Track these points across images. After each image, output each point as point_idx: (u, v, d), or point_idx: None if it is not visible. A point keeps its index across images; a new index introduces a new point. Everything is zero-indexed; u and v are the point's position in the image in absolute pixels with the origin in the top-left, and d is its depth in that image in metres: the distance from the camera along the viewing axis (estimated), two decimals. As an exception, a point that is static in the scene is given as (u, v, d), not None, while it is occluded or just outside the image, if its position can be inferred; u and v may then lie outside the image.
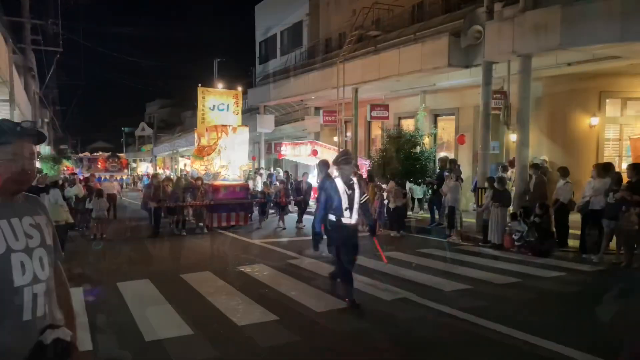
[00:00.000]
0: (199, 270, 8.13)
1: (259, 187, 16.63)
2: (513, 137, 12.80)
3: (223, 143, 13.96)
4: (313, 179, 18.67)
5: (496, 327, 5.14)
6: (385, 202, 12.52)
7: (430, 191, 13.93)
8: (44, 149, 26.97)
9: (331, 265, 7.12)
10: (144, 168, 53.89)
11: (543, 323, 5.33)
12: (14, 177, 1.84)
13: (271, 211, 15.50)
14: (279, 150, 21.77)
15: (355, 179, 6.29)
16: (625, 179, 8.89)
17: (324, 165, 7.85)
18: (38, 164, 18.33)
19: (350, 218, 6.07)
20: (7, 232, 1.78)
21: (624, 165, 12.85)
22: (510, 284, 7.12)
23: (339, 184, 6.06)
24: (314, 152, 18.46)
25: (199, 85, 15.75)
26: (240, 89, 17.26)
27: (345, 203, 6.00)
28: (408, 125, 16.99)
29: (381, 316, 5.70)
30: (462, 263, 8.55)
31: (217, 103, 15.68)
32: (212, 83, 36.81)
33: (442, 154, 16.51)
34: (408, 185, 14.49)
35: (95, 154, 46.78)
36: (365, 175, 13.74)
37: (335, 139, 18.53)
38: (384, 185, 12.89)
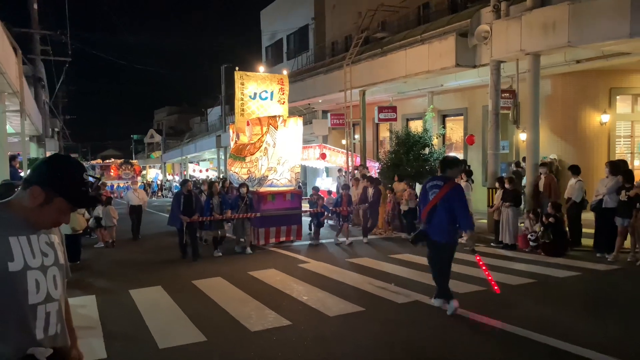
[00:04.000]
0: (211, 276, 8.14)
1: None
2: (523, 136, 12.72)
3: (270, 139, 11.09)
4: (322, 182, 18.68)
5: (512, 329, 5.09)
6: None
7: None
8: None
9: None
10: (153, 174, 54.19)
11: (560, 324, 5.27)
12: (51, 223, 1.87)
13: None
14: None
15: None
16: (637, 176, 8.78)
17: None
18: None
19: None
20: (26, 248, 1.77)
21: (637, 162, 12.75)
22: (525, 284, 7.04)
23: None
24: (323, 156, 18.43)
25: (236, 68, 12.87)
26: (285, 72, 14.14)
27: None
28: (416, 126, 16.92)
29: (394, 320, 5.66)
30: (475, 264, 8.43)
31: (259, 90, 12.65)
32: (219, 89, 37.13)
33: (451, 155, 16.43)
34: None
35: (107, 161, 47.14)
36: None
37: (344, 141, 18.49)
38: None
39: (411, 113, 18.70)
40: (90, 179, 1.88)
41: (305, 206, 12.74)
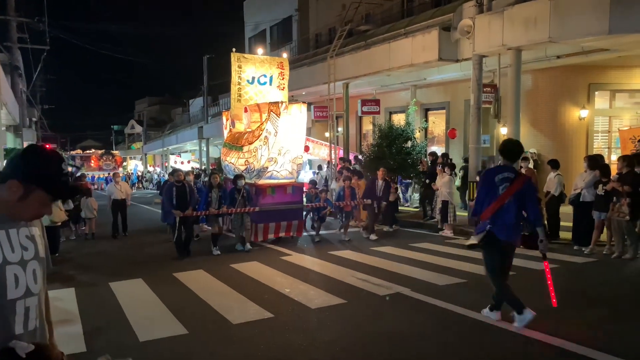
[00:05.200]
0: (193, 269, 8.09)
1: None
2: (503, 130, 12.86)
3: (272, 127, 10.15)
4: (305, 175, 18.65)
5: (492, 321, 5.17)
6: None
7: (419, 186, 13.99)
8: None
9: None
10: (133, 166, 53.49)
11: (537, 315, 5.35)
12: (32, 216, 1.84)
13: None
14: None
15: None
16: (614, 170, 8.96)
17: None
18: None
19: None
20: (4, 243, 1.73)
21: (614, 157, 13.00)
22: (504, 277, 7.14)
23: None
24: (306, 148, 18.40)
25: (233, 50, 11.83)
26: (285, 55, 12.99)
27: None
28: (399, 119, 17.00)
29: (375, 311, 5.70)
30: (455, 257, 8.57)
31: (258, 74, 11.75)
32: (201, 80, 36.74)
33: (433, 148, 16.56)
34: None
35: (87, 151, 46.36)
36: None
37: (327, 134, 18.49)
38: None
39: (394, 106, 18.77)
40: (71, 168, 1.85)
41: None
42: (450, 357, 4.44)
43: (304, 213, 11.40)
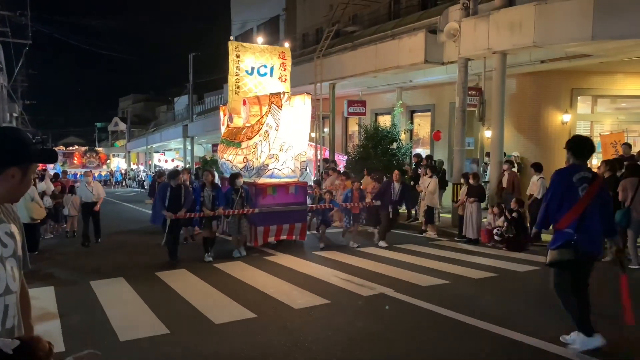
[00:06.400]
0: (175, 268, 8.01)
1: None
2: (488, 133, 12.97)
3: (273, 121, 9.26)
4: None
5: (473, 322, 5.20)
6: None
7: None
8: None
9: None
10: (116, 164, 52.88)
11: (520, 317, 5.41)
12: (9, 198, 1.80)
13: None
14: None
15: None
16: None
17: None
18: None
19: None
20: None
21: (595, 162, 13.19)
22: (487, 278, 7.20)
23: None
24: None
25: (231, 38, 11.03)
26: (287, 45, 12.05)
27: None
28: (385, 121, 17.05)
29: (358, 312, 5.70)
30: (439, 258, 8.62)
31: (258, 65, 10.88)
32: (186, 78, 36.47)
33: (418, 150, 16.64)
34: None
35: (71, 148, 45.63)
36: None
37: (313, 134, 18.46)
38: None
39: (380, 108, 18.81)
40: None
41: None
42: (432, 357, 4.46)
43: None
